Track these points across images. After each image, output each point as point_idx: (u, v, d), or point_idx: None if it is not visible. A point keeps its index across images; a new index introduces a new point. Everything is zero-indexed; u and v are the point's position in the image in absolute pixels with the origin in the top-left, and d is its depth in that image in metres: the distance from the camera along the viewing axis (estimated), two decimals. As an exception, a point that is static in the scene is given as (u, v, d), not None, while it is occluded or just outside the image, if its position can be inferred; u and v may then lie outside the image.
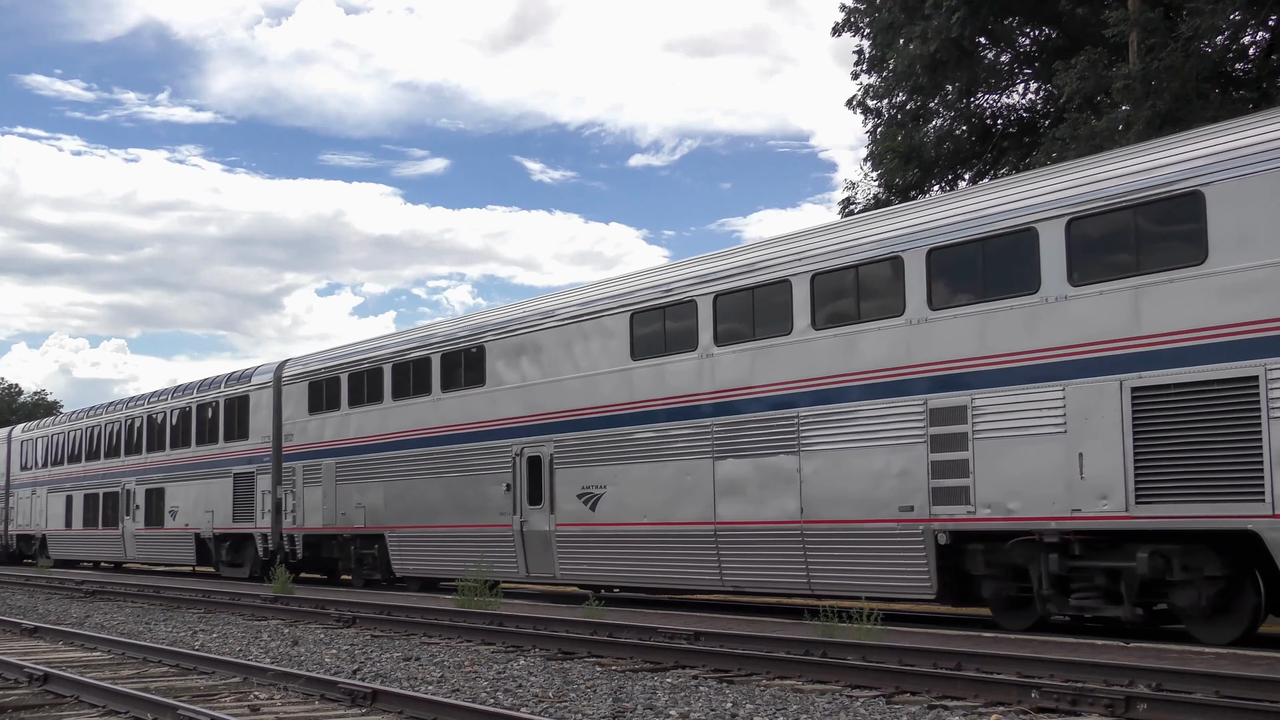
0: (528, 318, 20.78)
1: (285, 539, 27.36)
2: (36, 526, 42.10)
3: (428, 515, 22.78)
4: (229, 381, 30.59)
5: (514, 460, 20.66)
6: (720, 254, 17.91)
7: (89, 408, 39.58)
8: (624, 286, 19.04)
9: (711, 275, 17.34)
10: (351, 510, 24.93)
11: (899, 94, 29.16)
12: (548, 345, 20.16)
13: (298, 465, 26.86)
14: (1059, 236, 13.10)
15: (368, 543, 24.80)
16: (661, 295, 18.12)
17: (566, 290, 20.78)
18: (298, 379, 27.29)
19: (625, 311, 18.68)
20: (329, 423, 25.87)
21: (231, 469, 29.70)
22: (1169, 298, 12.25)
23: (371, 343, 25.49)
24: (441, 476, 22.45)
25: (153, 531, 33.70)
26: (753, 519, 16.40)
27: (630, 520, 18.33)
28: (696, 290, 17.46)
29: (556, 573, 19.74)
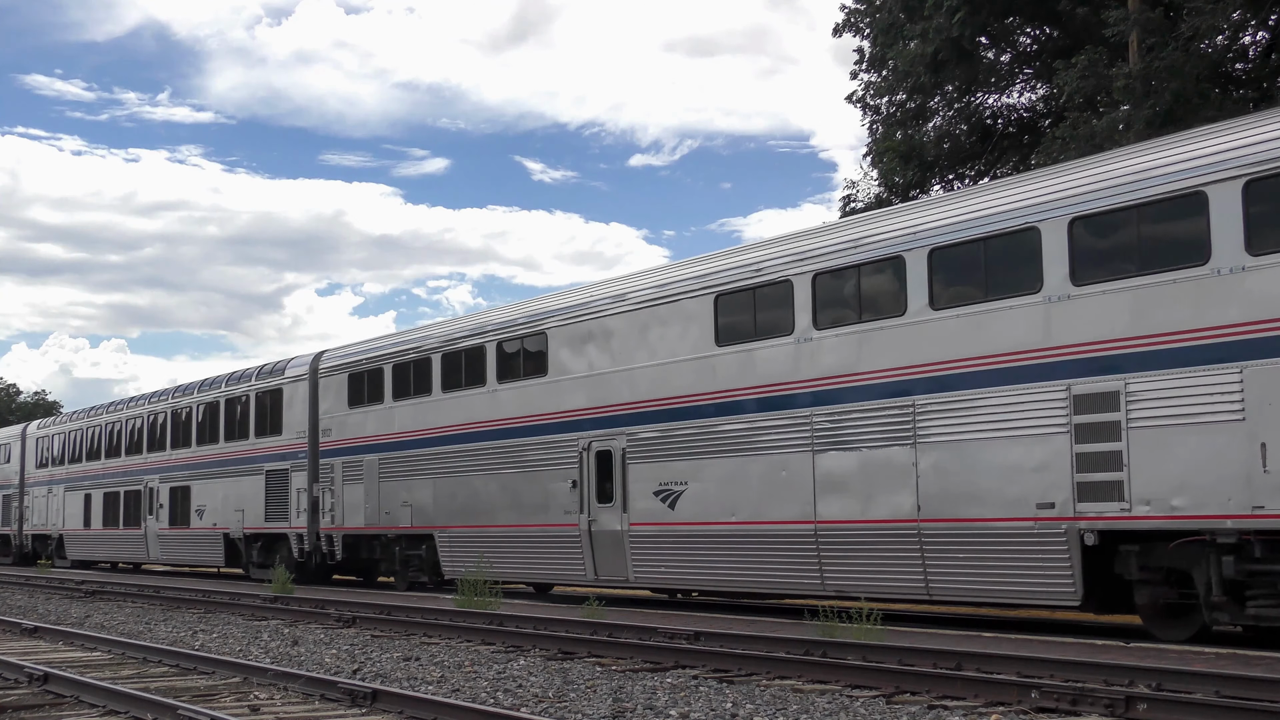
0: (596, 302, 19.38)
1: (323, 539, 25.98)
2: (53, 526, 40.73)
3: (482, 514, 21.40)
4: (260, 375, 29.20)
5: (581, 455, 19.28)
6: (819, 230, 16.51)
7: (109, 403, 38.22)
8: (707, 267, 17.64)
9: (809, 253, 15.95)
10: (397, 509, 23.55)
11: (899, 93, 28.79)
12: (619, 331, 18.77)
13: (336, 462, 25.48)
14: (1234, 200, 11.70)
15: (414, 543, 23.42)
16: (750, 276, 16.73)
17: (640, 273, 19.38)
18: (336, 371, 25.90)
19: (708, 294, 17.29)
20: (371, 417, 24.49)
21: (263, 466, 28.33)
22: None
23: (418, 332, 24.10)
24: (498, 473, 21.06)
25: (178, 531, 32.32)
26: (860, 517, 15.01)
27: (715, 519, 16.94)
28: (792, 269, 16.07)
29: (630, 576, 18.35)
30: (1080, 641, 12.36)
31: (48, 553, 41.95)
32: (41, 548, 42.66)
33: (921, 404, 14.36)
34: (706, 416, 17.18)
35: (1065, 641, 12.31)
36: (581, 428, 19.38)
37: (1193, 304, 11.94)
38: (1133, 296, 12.46)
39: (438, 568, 22.88)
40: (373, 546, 25.01)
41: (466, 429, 21.84)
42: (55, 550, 40.99)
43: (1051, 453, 13.03)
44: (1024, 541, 13.28)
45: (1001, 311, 13.63)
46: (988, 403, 13.71)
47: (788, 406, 16.00)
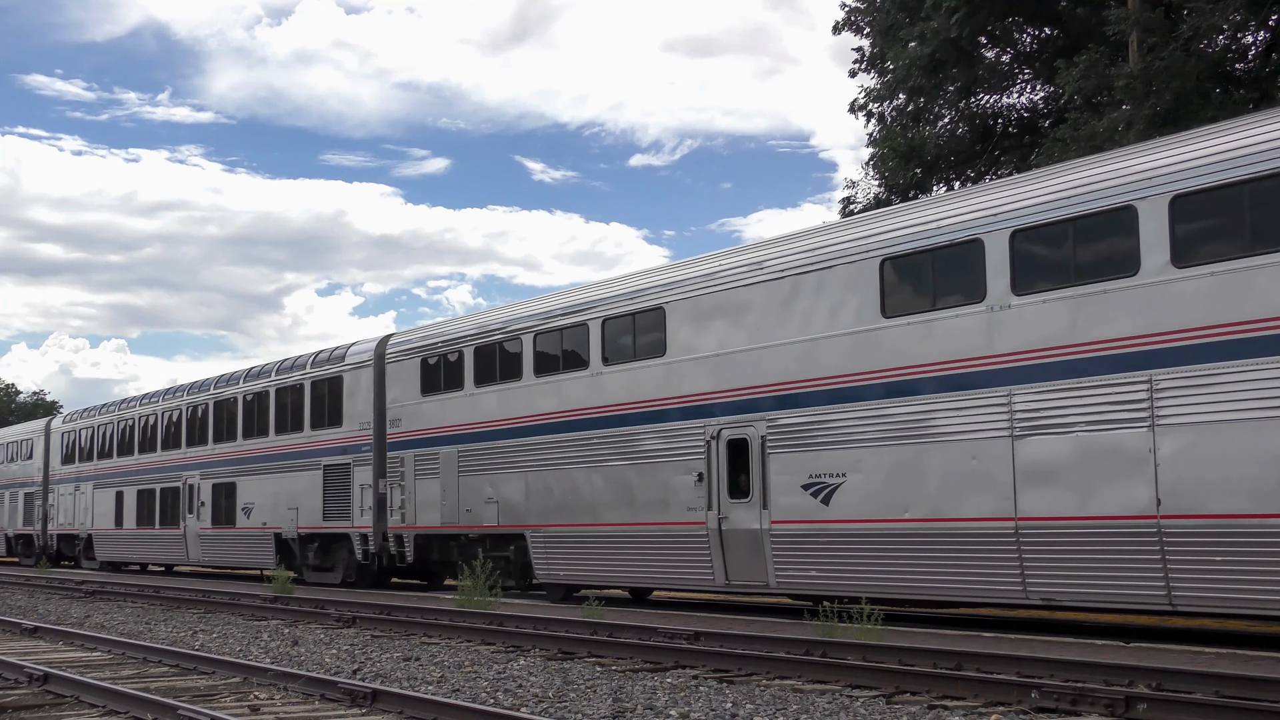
0: (727, 273, 17.21)
1: (390, 540, 23.81)
2: (81, 525, 38.55)
3: (584, 511, 19.23)
4: (316, 361, 27.03)
5: (708, 445, 17.12)
6: (1015, 180, 14.33)
7: (142, 395, 36.04)
8: (869, 229, 15.48)
9: (1007, 207, 13.77)
10: (480, 506, 21.38)
11: (899, 95, 28.40)
12: (757, 304, 16.61)
13: (407, 454, 23.31)
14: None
15: (501, 544, 21.25)
16: (927, 236, 14.56)
17: (782, 238, 17.21)
18: (407, 356, 23.73)
19: (872, 258, 15.13)
20: (450, 405, 22.32)
21: (321, 460, 26.16)
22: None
23: (504, 310, 21.92)
24: (603, 465, 18.90)
25: (222, 531, 30.15)
26: (1077, 514, 12.84)
27: (882, 516, 14.78)
28: (984, 228, 13.90)
29: (771, 580, 16.18)
30: (1080, 641, 12.35)
31: (74, 553, 39.80)
32: (68, 548, 40.49)
33: (1163, 380, 12.19)
34: (870, 399, 15.01)
35: (1065, 641, 12.28)
36: (708, 414, 17.21)
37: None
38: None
39: (528, 570, 20.74)
40: (448, 547, 22.85)
41: (565, 417, 19.67)
42: (83, 551, 38.82)
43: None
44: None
45: (1274, 268, 11.46)
46: (1254, 378, 11.53)
47: (978, 385, 13.83)
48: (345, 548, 25.82)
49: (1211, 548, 11.79)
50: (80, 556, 39.20)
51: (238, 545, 29.40)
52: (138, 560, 36.18)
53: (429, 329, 23.82)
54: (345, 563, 25.88)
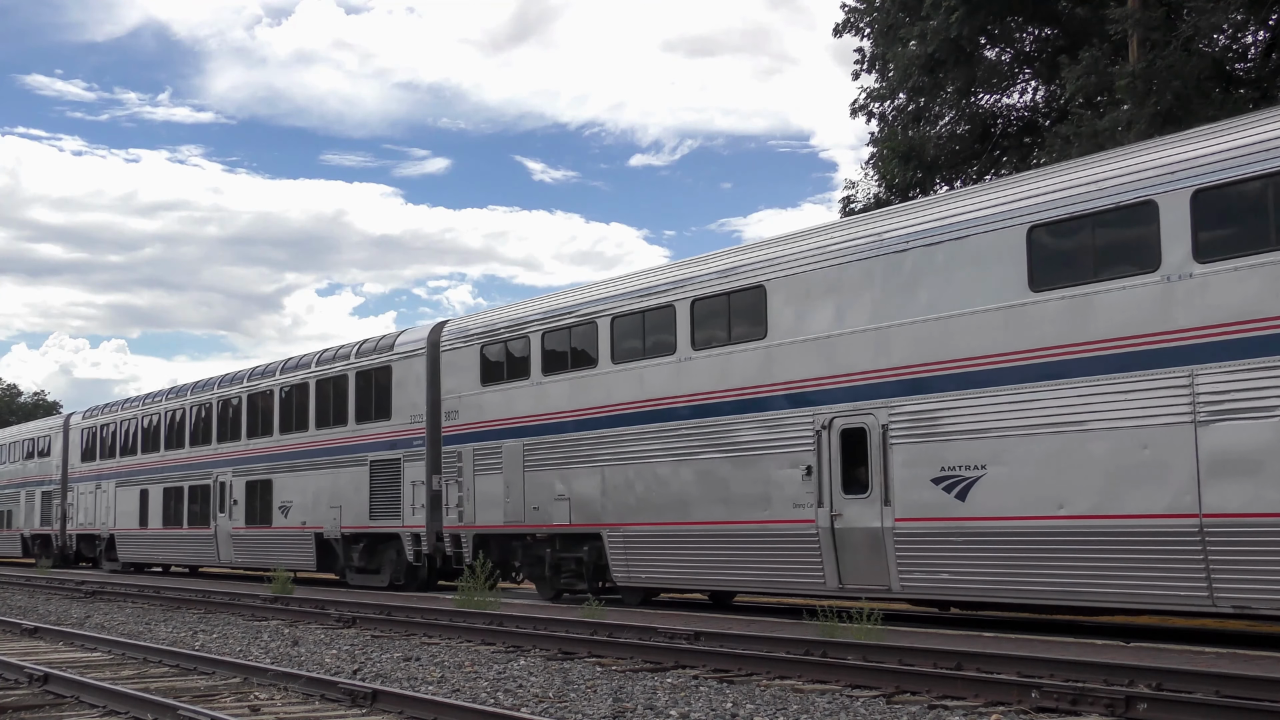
0: (841, 246, 15.69)
1: (446, 539, 22.28)
2: (102, 525, 37.04)
3: (670, 509, 17.71)
4: (361, 351, 25.52)
5: (817, 435, 15.60)
6: (1196, 134, 12.79)
7: (169, 388, 34.53)
8: (1013, 193, 13.94)
9: (1186, 165, 12.24)
10: (549, 503, 19.86)
11: (900, 95, 28.25)
12: (876, 280, 15.09)
13: (465, 449, 21.79)
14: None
15: (573, 544, 19.73)
16: (1087, 199, 13.03)
17: (906, 206, 15.71)
18: (465, 343, 22.21)
19: (1017, 226, 13.60)
20: (514, 395, 20.80)
21: (367, 456, 24.65)
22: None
23: (576, 293, 20.40)
24: (692, 459, 17.38)
25: (256, 531, 28.64)
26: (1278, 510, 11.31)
27: (1031, 512, 13.25)
28: (1159, 187, 12.38)
29: (894, 584, 14.65)
30: (1080, 641, 12.31)
31: (95, 554, 38.30)
32: (88, 549, 38.99)
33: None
34: (1015, 382, 13.49)
35: (1065, 641, 12.24)
36: (817, 401, 15.69)
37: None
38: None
39: (603, 572, 19.22)
40: (511, 548, 21.34)
41: (648, 406, 18.15)
42: (104, 552, 37.32)
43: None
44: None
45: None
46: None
47: (1151, 365, 12.30)
48: (393, 548, 24.31)
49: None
50: (101, 558, 37.70)
51: (274, 546, 27.87)
52: (164, 562, 34.69)
53: (489, 314, 22.29)
54: (393, 564, 24.37)
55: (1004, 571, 13.57)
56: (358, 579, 25.17)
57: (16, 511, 43.77)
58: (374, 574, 24.95)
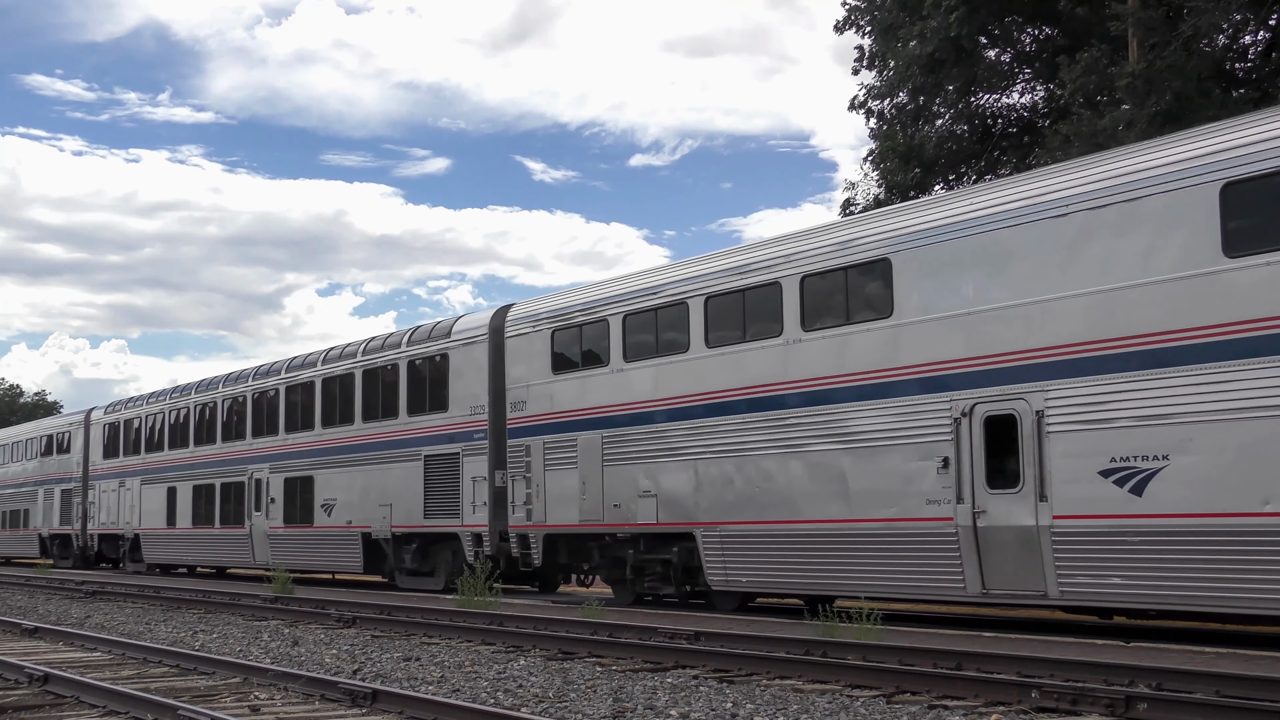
0: (985, 213, 14.09)
1: (512, 539, 20.69)
2: (126, 525, 35.46)
3: (776, 506, 16.12)
4: (414, 339, 23.93)
5: (956, 424, 14.01)
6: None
7: (198, 381, 32.94)
8: (1202, 146, 12.32)
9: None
10: (632, 500, 18.27)
11: (900, 94, 28.24)
12: (1029, 250, 13.50)
13: (534, 442, 20.20)
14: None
15: (659, 544, 18.14)
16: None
17: (1062, 166, 14.12)
18: (533, 328, 20.63)
19: (1208, 183, 12.01)
20: (591, 383, 19.22)
21: (421, 450, 23.08)
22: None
23: (662, 273, 18.79)
24: (802, 451, 15.79)
25: (297, 531, 27.04)
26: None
27: (1228, 509, 11.65)
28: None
29: (1051, 589, 13.04)
30: (1080, 641, 12.27)
31: (118, 555, 36.72)
32: (110, 549, 37.41)
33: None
34: (1204, 361, 11.90)
35: (1065, 641, 12.21)
36: (955, 385, 14.10)
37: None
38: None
39: (694, 575, 17.64)
40: (585, 549, 19.77)
41: (750, 393, 16.57)
42: (128, 553, 35.75)
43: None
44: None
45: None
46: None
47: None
48: (450, 549, 22.74)
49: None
50: (124, 558, 36.13)
51: (316, 546, 26.29)
52: (194, 563, 33.12)
53: (561, 297, 20.70)
54: (449, 566, 22.78)
55: (1190, 576, 11.96)
56: (409, 582, 23.59)
57: (34, 510, 42.19)
58: (427, 576, 23.38)
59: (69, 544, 39.80)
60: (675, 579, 17.96)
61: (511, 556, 20.91)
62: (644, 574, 18.56)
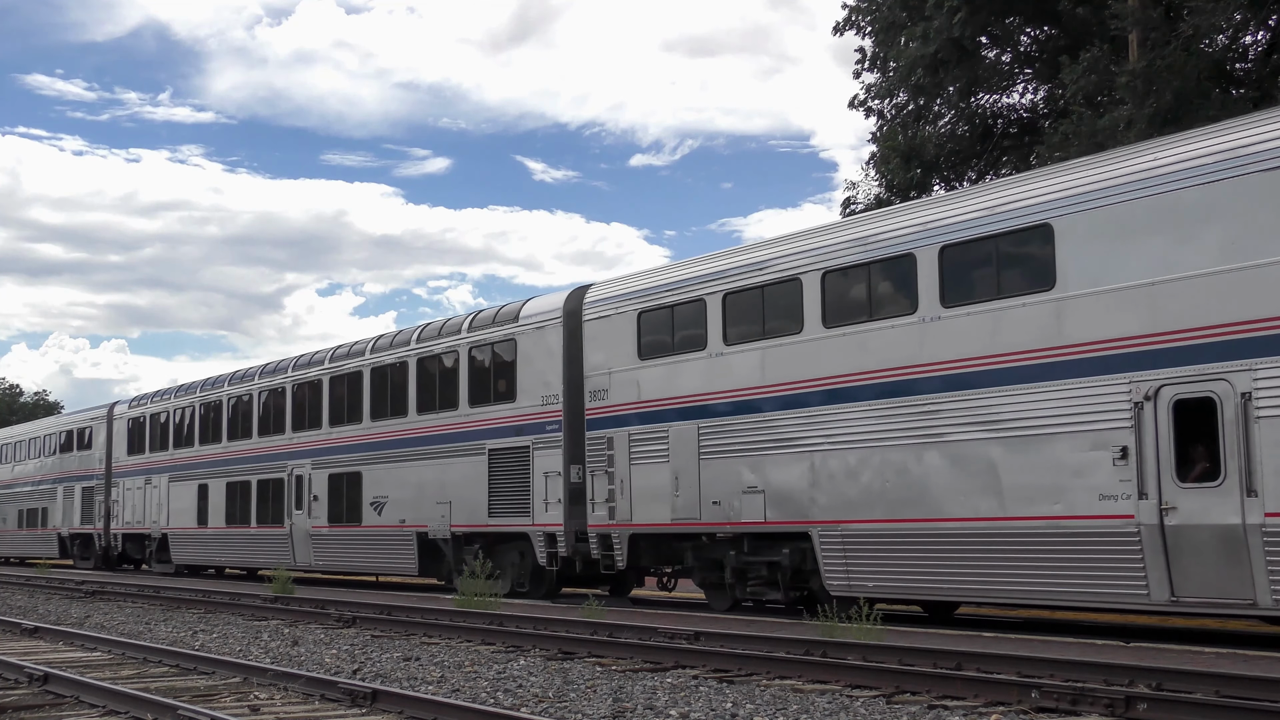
0: (1166, 170, 12.45)
1: (592, 540, 19.05)
2: (153, 524, 33.82)
3: (911, 503, 14.47)
4: (476, 324, 22.29)
5: (1136, 408, 12.35)
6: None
7: (231, 372, 31.30)
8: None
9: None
10: (734, 497, 16.63)
11: (900, 94, 28.17)
12: (1231, 207, 11.86)
13: (618, 434, 18.57)
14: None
15: (767, 545, 16.50)
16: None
17: (1261, 116, 12.46)
18: (615, 309, 18.99)
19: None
20: (685, 369, 17.58)
21: (485, 444, 21.44)
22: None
23: (767, 247, 17.13)
24: (944, 441, 14.15)
25: (343, 530, 25.41)
26: None
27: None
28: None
29: (1263, 598, 11.37)
30: (1080, 641, 12.26)
31: (145, 555, 35.08)
32: (135, 550, 35.77)
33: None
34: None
35: (1065, 641, 12.22)
36: (1135, 366, 12.46)
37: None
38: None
39: (806, 579, 16.02)
40: (677, 549, 18.16)
41: (877, 378, 14.93)
42: (154, 553, 34.11)
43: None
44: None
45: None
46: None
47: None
48: (517, 550, 21.10)
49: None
50: (151, 559, 34.51)
51: (365, 547, 24.65)
52: (227, 564, 31.47)
53: (647, 276, 19.04)
54: (515, 568, 21.14)
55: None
56: (468, 585, 21.89)
57: (53, 509, 40.55)
58: (491, 578, 21.68)
59: (90, 544, 38.17)
60: (783, 582, 16.33)
61: (590, 558, 19.27)
62: (746, 578, 16.92)
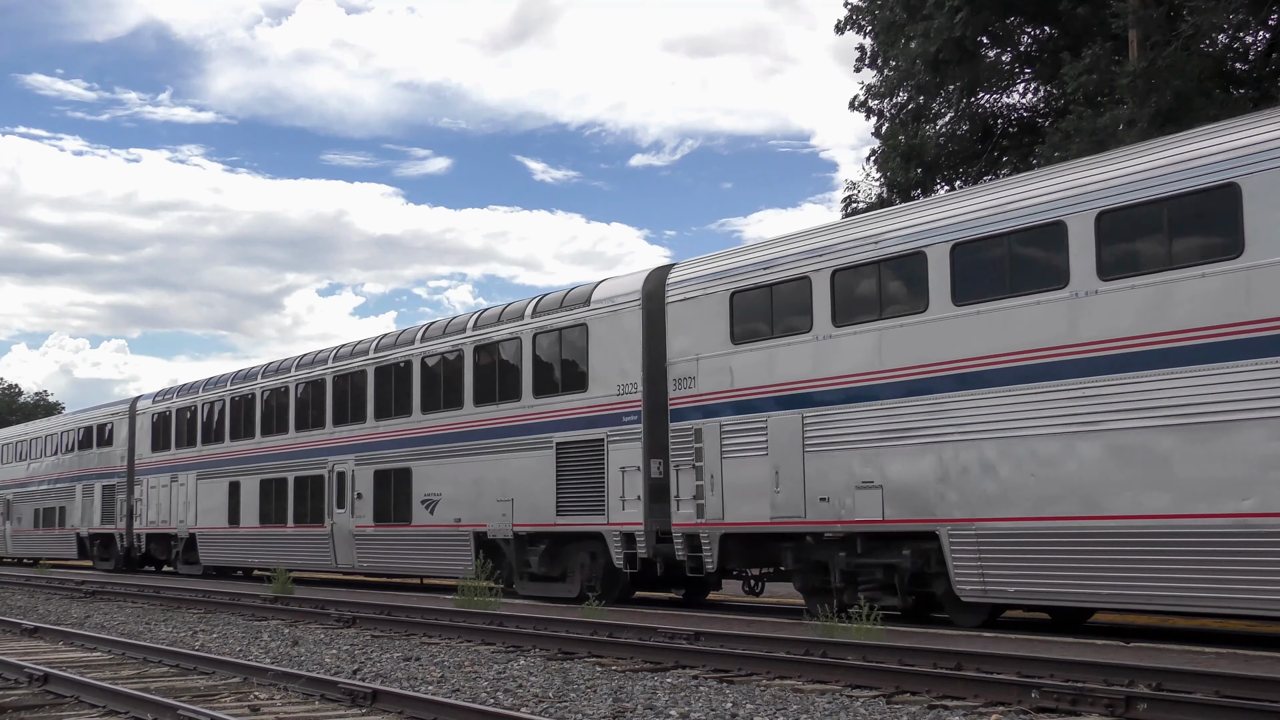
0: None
1: (678, 540, 17.56)
2: (179, 523, 32.34)
3: (1063, 499, 12.98)
4: (541, 308, 20.80)
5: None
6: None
7: (266, 364, 29.82)
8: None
9: None
10: (846, 493, 15.15)
11: (901, 93, 28.21)
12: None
13: (707, 425, 17.09)
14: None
15: (883, 546, 15.01)
16: None
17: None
18: (704, 290, 17.50)
19: None
20: (787, 354, 16.09)
21: (552, 437, 19.96)
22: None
23: (882, 219, 15.67)
24: (1102, 429, 12.65)
25: (390, 530, 23.93)
26: None
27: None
28: None
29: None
30: (1080, 641, 12.22)
31: (171, 556, 33.60)
32: (160, 551, 34.29)
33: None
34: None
35: (1065, 641, 12.15)
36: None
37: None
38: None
39: (928, 583, 14.55)
40: (775, 550, 16.71)
41: (1020, 360, 13.44)
42: (181, 554, 32.63)
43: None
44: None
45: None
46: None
47: None
48: (587, 551, 19.61)
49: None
50: (177, 560, 33.04)
51: (416, 547, 23.16)
52: (261, 566, 29.86)
53: (741, 254, 17.54)
54: (585, 571, 19.65)
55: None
56: (533, 588, 20.43)
57: (71, 508, 39.07)
58: (556, 582, 20.24)
59: (111, 544, 36.71)
60: (901, 587, 14.83)
61: (674, 560, 17.79)
62: (856, 582, 15.43)
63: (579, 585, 19.68)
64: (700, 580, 19.02)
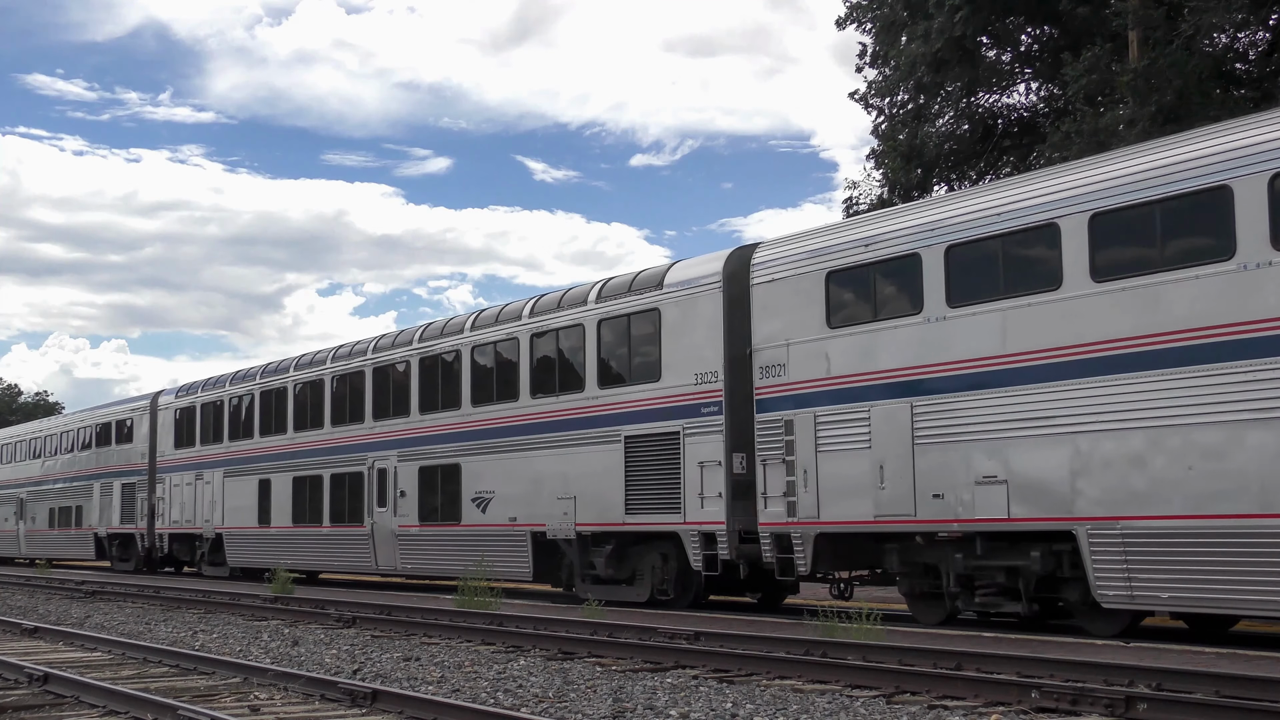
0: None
1: (764, 540, 16.26)
2: (205, 523, 31.02)
3: (1227, 495, 11.67)
4: (606, 293, 19.50)
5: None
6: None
7: (299, 356, 28.49)
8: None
9: None
10: (963, 489, 13.84)
11: (901, 92, 28.15)
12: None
13: (799, 416, 15.79)
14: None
15: (1007, 547, 13.71)
16: None
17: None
18: (795, 271, 16.20)
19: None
20: (892, 338, 14.80)
21: (619, 430, 18.66)
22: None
23: (1004, 190, 14.36)
24: (1274, 418, 11.35)
25: (437, 530, 22.62)
26: None
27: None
28: None
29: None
30: (1080, 641, 12.23)
31: (195, 558, 32.28)
32: (183, 551, 32.97)
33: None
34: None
35: (1065, 641, 12.18)
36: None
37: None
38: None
39: (1061, 586, 13.26)
40: (877, 551, 15.41)
41: (1174, 340, 12.14)
42: (207, 555, 31.32)
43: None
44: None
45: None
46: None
47: None
48: (658, 552, 18.30)
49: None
50: (202, 562, 31.71)
51: (466, 548, 21.81)
52: (294, 567, 28.44)
53: (836, 230, 16.25)
54: (657, 573, 18.35)
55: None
56: (597, 592, 19.02)
57: (88, 507, 37.76)
58: (624, 585, 18.93)
59: (131, 545, 35.41)
60: (1026, 591, 13.53)
61: (760, 561, 16.50)
62: (973, 586, 14.12)
63: (649, 588, 18.40)
64: (777, 584, 17.79)
